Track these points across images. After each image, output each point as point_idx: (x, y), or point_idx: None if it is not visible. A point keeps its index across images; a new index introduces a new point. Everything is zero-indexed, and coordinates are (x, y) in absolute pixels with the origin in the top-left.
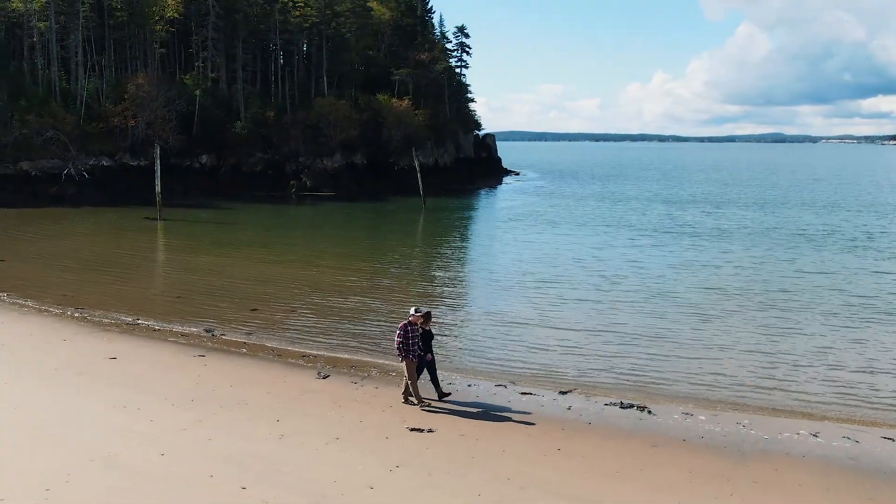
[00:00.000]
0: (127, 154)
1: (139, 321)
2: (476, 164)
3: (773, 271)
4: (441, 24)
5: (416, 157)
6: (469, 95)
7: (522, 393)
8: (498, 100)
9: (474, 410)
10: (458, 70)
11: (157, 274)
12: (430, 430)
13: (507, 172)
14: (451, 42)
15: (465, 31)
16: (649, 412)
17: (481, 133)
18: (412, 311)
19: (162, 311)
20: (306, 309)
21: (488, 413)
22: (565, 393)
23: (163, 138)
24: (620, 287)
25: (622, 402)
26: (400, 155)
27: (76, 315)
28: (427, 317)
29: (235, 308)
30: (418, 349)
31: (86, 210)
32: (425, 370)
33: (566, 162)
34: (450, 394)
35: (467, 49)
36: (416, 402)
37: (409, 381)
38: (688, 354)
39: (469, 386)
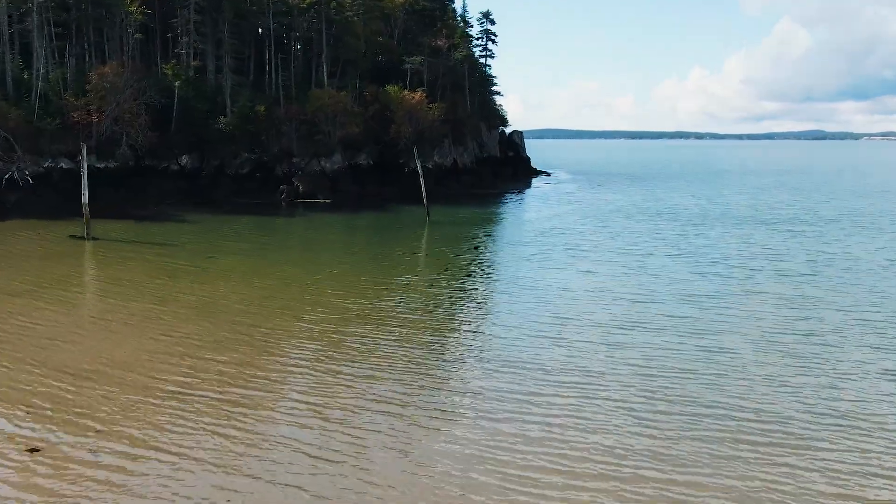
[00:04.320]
0: (91, 155)
1: None
2: (501, 165)
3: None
4: (464, 10)
5: (417, 158)
6: (494, 88)
7: None
8: (535, 97)
9: None
10: (482, 60)
11: None
12: None
13: (537, 173)
14: (473, 28)
15: (491, 17)
16: None
17: (508, 130)
18: None
19: None
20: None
21: None
22: None
23: (131, 136)
24: (652, 381)
25: None
26: (411, 154)
27: None
28: None
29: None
30: None
31: (11, 223)
32: None
33: (603, 161)
34: None
35: (493, 37)
36: None
37: None
38: None
39: None
